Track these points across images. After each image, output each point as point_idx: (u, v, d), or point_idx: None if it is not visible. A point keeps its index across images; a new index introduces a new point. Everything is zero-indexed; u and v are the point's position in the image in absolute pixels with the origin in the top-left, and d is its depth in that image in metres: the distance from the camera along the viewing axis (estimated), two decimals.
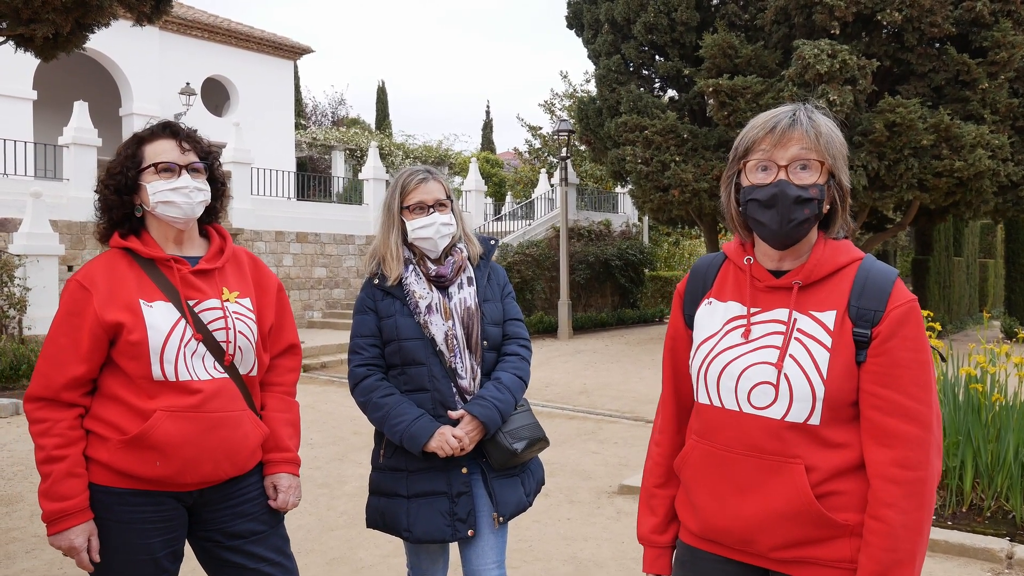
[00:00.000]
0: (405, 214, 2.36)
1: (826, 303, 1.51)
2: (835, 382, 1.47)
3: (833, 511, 1.48)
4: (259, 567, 2.04)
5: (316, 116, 31.93)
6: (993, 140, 11.16)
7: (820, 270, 1.53)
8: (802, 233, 1.51)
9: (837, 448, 1.49)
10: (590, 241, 18.17)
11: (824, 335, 1.49)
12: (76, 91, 16.28)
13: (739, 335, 1.56)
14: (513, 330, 2.44)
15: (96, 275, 1.94)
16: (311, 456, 6.13)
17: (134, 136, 2.03)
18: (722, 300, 1.63)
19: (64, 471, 1.85)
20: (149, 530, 1.91)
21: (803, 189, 1.48)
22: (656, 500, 1.74)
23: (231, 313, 2.01)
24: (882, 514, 1.44)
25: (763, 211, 1.51)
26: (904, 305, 1.47)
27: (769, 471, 1.50)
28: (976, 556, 3.87)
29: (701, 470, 1.61)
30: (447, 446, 2.21)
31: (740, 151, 1.57)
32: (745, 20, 12.59)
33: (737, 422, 1.54)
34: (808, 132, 1.50)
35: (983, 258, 23.25)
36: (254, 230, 14.34)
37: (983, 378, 4.50)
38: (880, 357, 1.46)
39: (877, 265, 1.54)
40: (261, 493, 2.09)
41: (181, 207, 1.97)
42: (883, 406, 1.46)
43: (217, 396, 1.94)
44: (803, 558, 1.51)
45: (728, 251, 1.68)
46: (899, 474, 1.44)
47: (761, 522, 1.51)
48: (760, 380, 1.51)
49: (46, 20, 4.85)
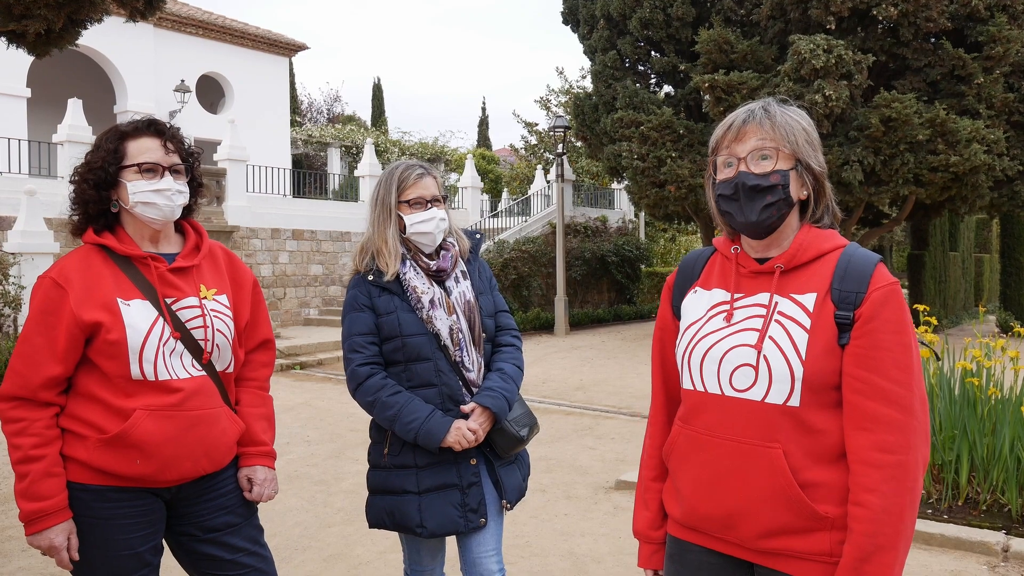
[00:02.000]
0: (402, 208, 2.33)
1: (807, 286, 1.53)
2: (814, 363, 1.47)
3: (817, 502, 1.48)
4: (236, 557, 2.04)
5: (312, 113, 31.85)
6: (989, 135, 11.17)
7: (802, 255, 1.55)
8: (771, 219, 1.54)
9: (818, 434, 1.49)
10: (586, 237, 18.16)
11: (804, 316, 1.50)
12: (70, 88, 16.21)
13: (722, 319, 1.59)
14: (504, 321, 2.46)
15: (71, 273, 1.90)
16: (308, 453, 6.13)
17: (116, 130, 1.98)
18: (707, 288, 1.67)
19: (42, 471, 1.83)
20: (129, 525, 1.91)
21: (762, 177, 1.52)
22: (650, 494, 1.75)
23: (209, 311, 1.99)
24: (863, 499, 1.43)
25: (729, 203, 1.57)
26: (886, 287, 1.48)
27: (749, 455, 1.51)
28: (972, 549, 3.88)
29: (685, 456, 1.62)
30: (463, 440, 2.22)
31: (710, 152, 1.64)
32: (741, 15, 12.58)
33: (719, 405, 1.56)
34: (762, 123, 1.55)
35: (979, 253, 23.29)
36: (250, 227, 14.31)
37: (979, 372, 4.51)
38: (862, 339, 1.46)
39: (860, 251, 1.55)
40: (237, 486, 2.09)
41: (161, 209, 1.94)
42: (864, 389, 1.45)
43: (196, 394, 1.93)
44: (784, 550, 1.51)
45: (717, 244, 1.72)
46: (879, 458, 1.43)
47: (742, 507, 1.52)
48: (741, 362, 1.53)
49: (38, 16, 4.81)
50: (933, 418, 4.54)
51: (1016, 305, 17.74)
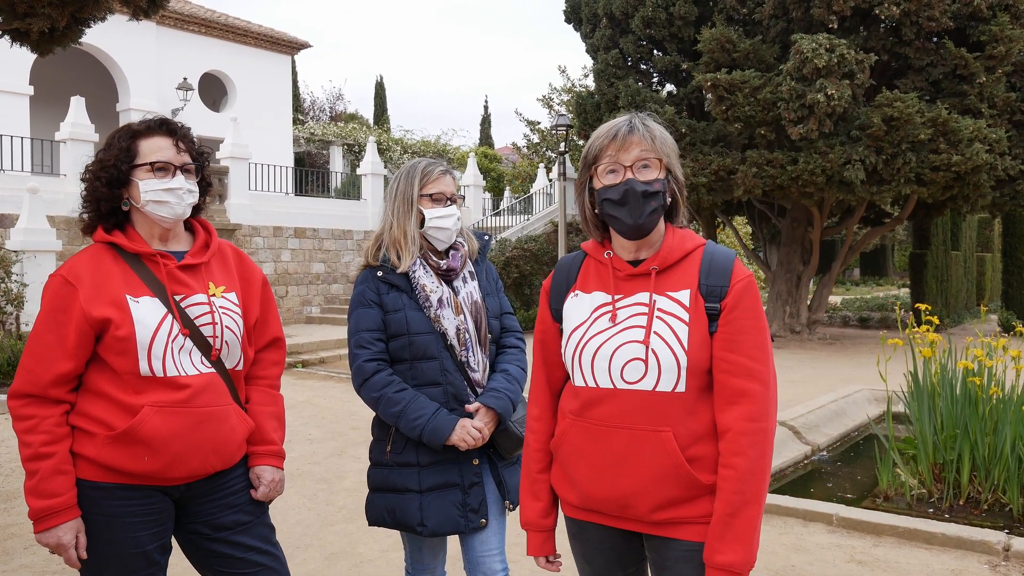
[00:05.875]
0: (423, 202, 2.33)
1: (679, 284, 1.71)
2: (695, 351, 1.66)
3: (699, 472, 1.66)
4: (247, 556, 2.04)
5: (314, 111, 31.86)
6: (991, 134, 11.15)
7: (672, 256, 1.73)
8: (653, 223, 1.72)
9: (696, 414, 1.68)
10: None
11: (682, 311, 1.68)
12: (73, 86, 16.24)
13: (607, 320, 1.74)
14: (508, 323, 2.48)
15: (81, 271, 1.91)
16: (310, 451, 6.14)
17: (128, 129, 1.99)
18: (587, 291, 1.80)
19: (51, 468, 1.83)
20: (137, 524, 1.91)
21: (648, 184, 1.69)
22: (539, 485, 1.90)
23: (217, 308, 2.00)
24: (732, 462, 1.63)
25: (617, 208, 1.70)
26: (744, 280, 1.69)
27: (642, 440, 1.67)
28: (973, 549, 3.88)
29: (578, 446, 1.76)
30: (468, 438, 2.23)
31: (589, 159, 1.76)
32: (743, 14, 12.58)
33: (612, 398, 1.70)
34: (644, 136, 1.71)
35: (980, 252, 23.25)
36: (252, 225, 14.33)
37: (980, 372, 4.52)
38: (728, 326, 1.67)
39: (719, 248, 1.76)
40: (247, 485, 2.09)
41: (172, 207, 1.95)
42: (731, 369, 1.65)
43: (205, 391, 1.93)
44: (674, 519, 1.69)
45: (587, 249, 1.87)
46: (747, 426, 1.63)
47: (636, 488, 1.69)
48: (631, 357, 1.69)
49: (42, 14, 4.83)
50: (935, 417, 4.55)
51: (1018, 304, 17.71)
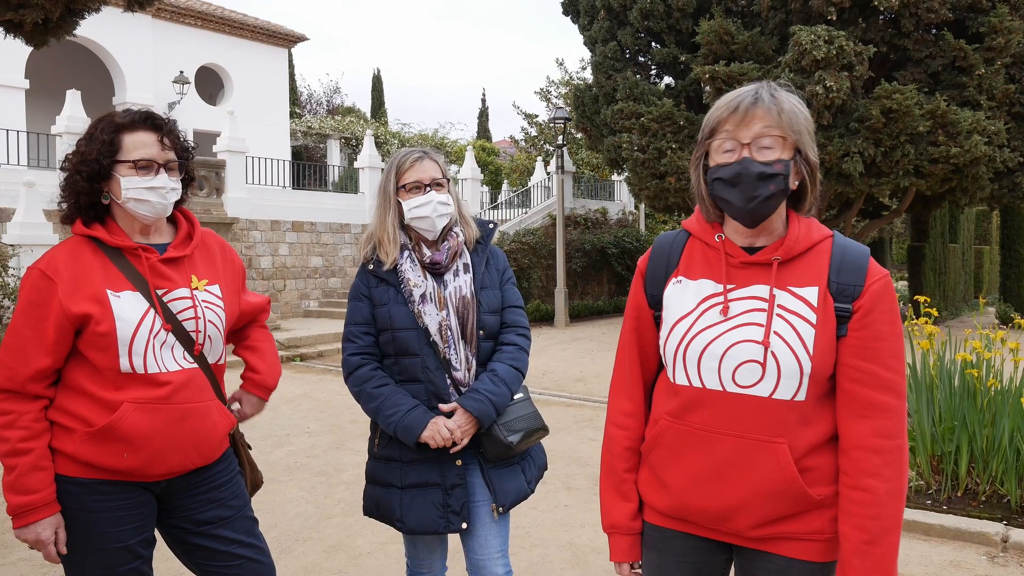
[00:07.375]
0: (401, 194, 2.28)
1: (805, 279, 1.52)
2: (820, 357, 1.48)
3: (810, 486, 1.50)
4: (230, 549, 2.03)
5: (311, 105, 31.73)
6: (989, 126, 11.14)
7: (799, 246, 1.53)
8: (769, 209, 1.51)
9: (814, 424, 1.51)
10: (587, 229, 18.15)
11: (808, 311, 1.49)
12: (69, 80, 16.15)
13: (718, 313, 1.54)
14: (512, 318, 2.35)
15: (60, 264, 1.86)
16: (309, 444, 6.14)
17: (112, 121, 1.91)
18: (692, 278, 1.60)
19: (30, 464, 1.81)
20: (119, 519, 1.89)
21: (766, 165, 1.48)
22: (627, 485, 1.70)
23: (200, 302, 1.97)
24: (866, 484, 1.46)
25: (728, 189, 1.50)
26: (882, 279, 1.50)
27: (752, 450, 1.50)
28: (971, 540, 3.89)
29: (676, 450, 1.58)
30: (439, 436, 2.16)
31: (706, 132, 1.56)
32: (742, 6, 12.54)
33: (720, 401, 1.52)
34: (771, 109, 1.49)
35: (979, 245, 23.26)
36: (249, 219, 14.28)
37: (979, 364, 4.51)
38: (862, 331, 1.48)
39: (849, 241, 1.56)
40: (228, 480, 2.08)
41: (154, 206, 1.91)
42: (863, 378, 1.48)
43: (186, 387, 1.91)
44: (777, 534, 1.53)
45: (691, 228, 1.65)
46: (881, 444, 1.46)
47: (741, 501, 1.52)
48: (746, 358, 1.50)
49: (35, 5, 4.79)
50: (933, 409, 4.55)
51: (1016, 297, 17.73)
